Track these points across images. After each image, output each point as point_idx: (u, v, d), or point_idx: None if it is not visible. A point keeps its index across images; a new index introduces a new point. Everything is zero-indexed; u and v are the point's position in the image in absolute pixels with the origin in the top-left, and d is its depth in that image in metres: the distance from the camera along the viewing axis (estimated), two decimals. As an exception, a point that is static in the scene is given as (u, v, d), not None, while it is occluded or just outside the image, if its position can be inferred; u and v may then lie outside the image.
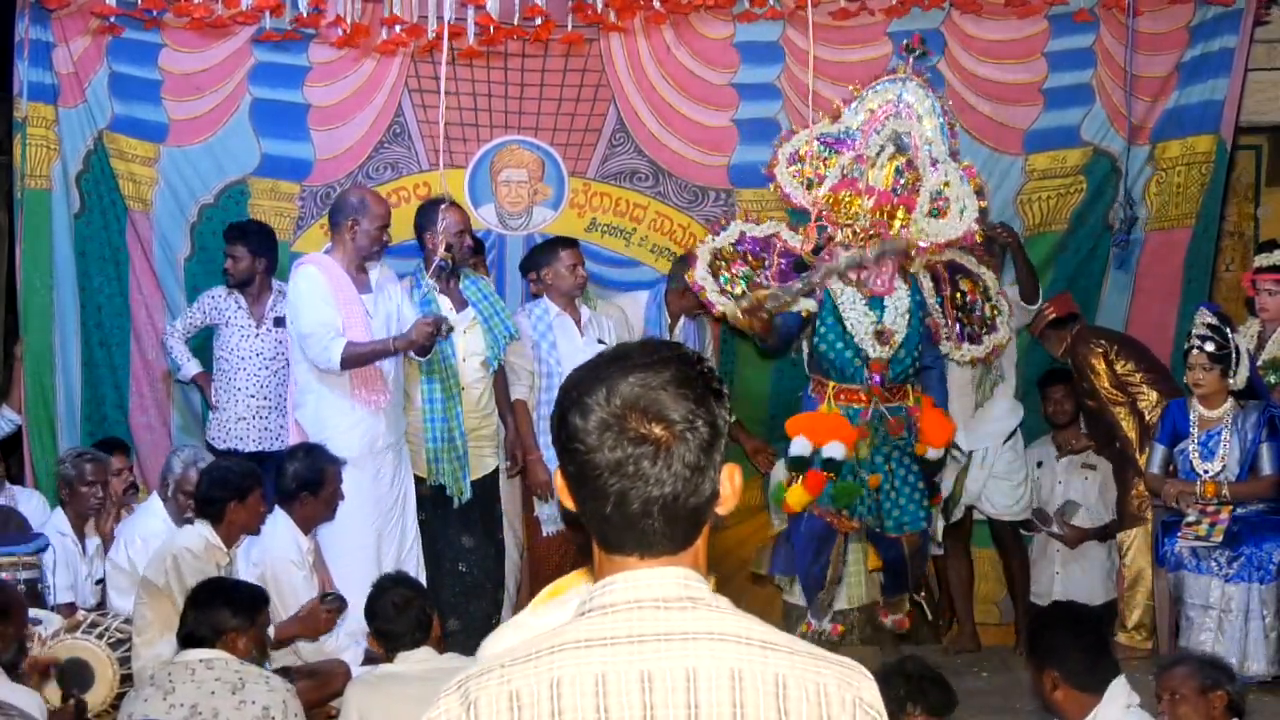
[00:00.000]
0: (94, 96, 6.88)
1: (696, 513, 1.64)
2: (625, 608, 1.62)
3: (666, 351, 1.66)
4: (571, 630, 1.63)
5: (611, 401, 1.61)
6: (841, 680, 1.63)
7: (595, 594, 1.65)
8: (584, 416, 1.61)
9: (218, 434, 6.60)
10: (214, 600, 4.31)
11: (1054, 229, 7.21)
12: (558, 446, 1.66)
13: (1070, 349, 6.71)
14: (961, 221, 5.88)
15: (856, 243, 5.82)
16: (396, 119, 7.14)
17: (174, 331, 6.79)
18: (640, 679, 1.58)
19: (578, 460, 1.62)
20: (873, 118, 5.99)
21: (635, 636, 1.60)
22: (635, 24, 7.02)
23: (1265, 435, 6.04)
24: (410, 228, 6.49)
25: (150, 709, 4.04)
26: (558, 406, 1.66)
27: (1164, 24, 7.01)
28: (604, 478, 1.61)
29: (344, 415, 5.84)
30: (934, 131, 5.99)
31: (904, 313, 5.85)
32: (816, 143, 6.04)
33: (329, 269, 5.86)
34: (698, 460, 1.62)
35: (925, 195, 5.90)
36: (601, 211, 7.23)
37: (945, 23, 7.11)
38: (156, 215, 7.00)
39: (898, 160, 5.90)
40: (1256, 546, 5.82)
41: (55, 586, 5.64)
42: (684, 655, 1.60)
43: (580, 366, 1.70)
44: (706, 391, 1.64)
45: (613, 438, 1.60)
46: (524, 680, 1.60)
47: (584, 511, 1.66)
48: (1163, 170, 7.13)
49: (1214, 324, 6.08)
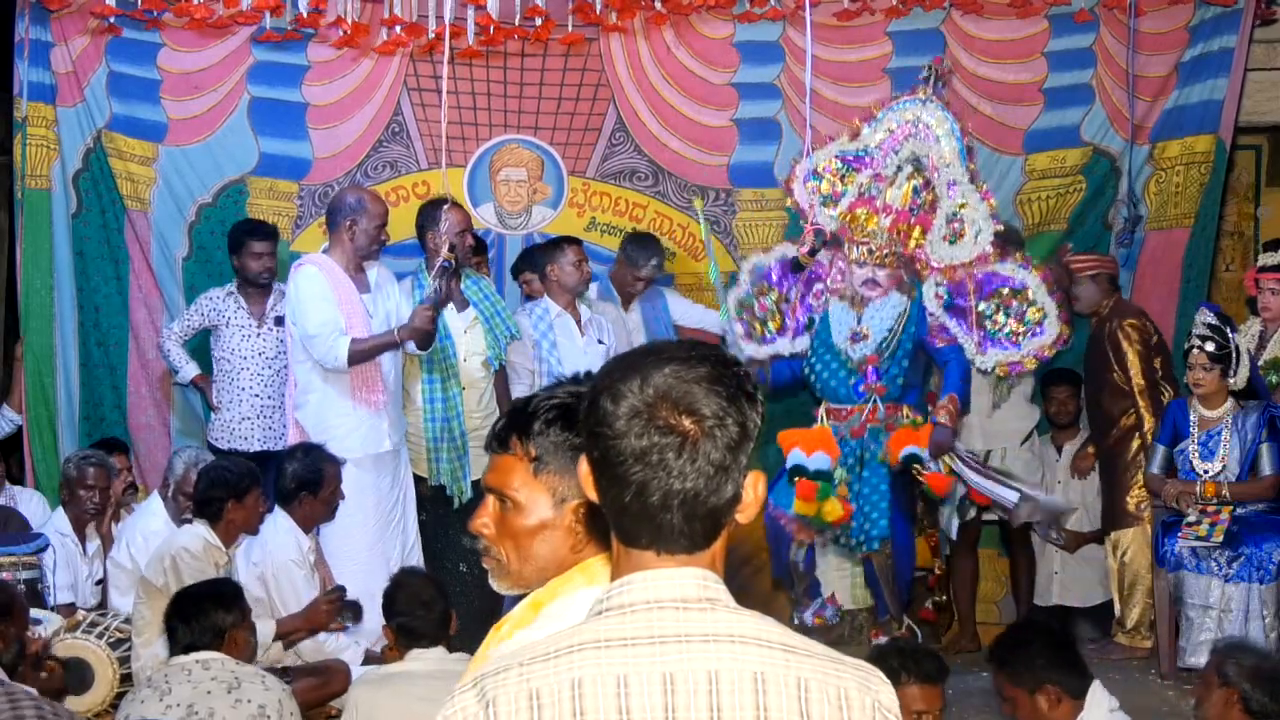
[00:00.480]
0: (93, 96, 6.87)
1: (715, 514, 1.64)
2: (644, 608, 1.62)
3: (704, 350, 1.67)
4: (590, 629, 1.63)
5: (644, 390, 1.61)
6: (861, 684, 1.64)
7: (612, 593, 1.65)
8: (615, 402, 1.62)
9: (221, 434, 6.58)
10: (203, 605, 4.26)
11: (1053, 228, 7.21)
12: (585, 432, 1.67)
13: (1109, 315, 6.50)
14: (976, 245, 5.91)
15: (873, 260, 5.89)
16: (395, 118, 7.14)
17: (170, 335, 6.74)
18: (662, 680, 1.58)
19: (603, 445, 1.63)
20: (891, 137, 6.02)
21: (656, 637, 1.60)
22: (635, 24, 7.02)
23: (1266, 435, 6.03)
24: (409, 227, 6.50)
25: (147, 710, 4.02)
26: (590, 392, 1.67)
27: (1164, 24, 7.00)
28: (627, 465, 1.61)
29: (345, 415, 5.83)
30: (952, 154, 6.01)
31: (888, 315, 5.90)
32: (836, 160, 6.08)
33: (328, 269, 5.85)
34: (723, 459, 1.62)
35: (941, 217, 5.94)
36: (601, 211, 7.23)
37: (945, 23, 7.11)
38: (155, 215, 6.99)
39: (915, 180, 5.94)
40: (1256, 546, 5.82)
41: (55, 586, 5.62)
42: (706, 657, 1.59)
43: (617, 356, 1.72)
44: (739, 392, 1.64)
45: (640, 425, 1.60)
46: (544, 679, 1.59)
47: (604, 500, 1.66)
48: (1161, 170, 7.13)
49: (1214, 324, 6.08)
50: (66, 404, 6.90)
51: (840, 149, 6.12)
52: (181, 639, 4.21)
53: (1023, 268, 5.98)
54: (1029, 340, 5.94)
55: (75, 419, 6.92)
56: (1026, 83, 7.13)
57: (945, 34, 7.08)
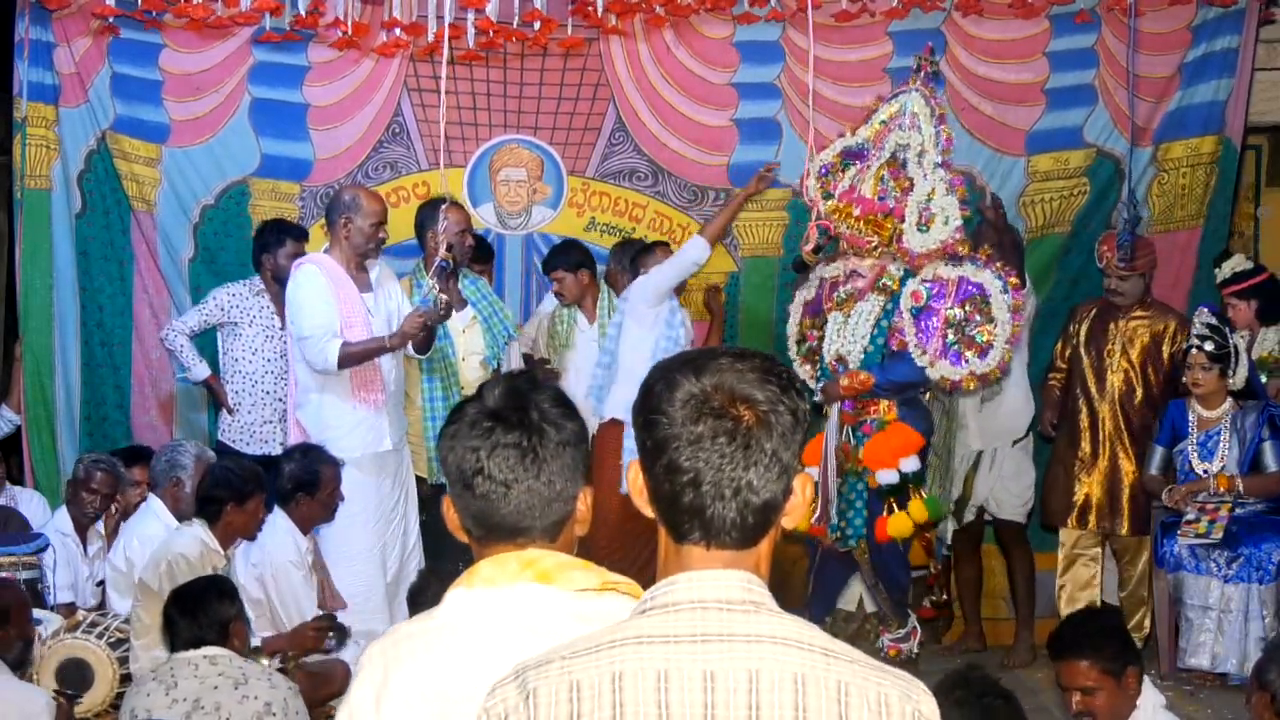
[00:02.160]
0: (96, 96, 6.87)
1: (767, 508, 1.66)
2: (689, 607, 1.64)
3: (752, 350, 1.72)
4: (633, 626, 1.65)
5: (701, 380, 1.65)
6: (903, 693, 1.64)
7: (658, 593, 1.67)
8: (671, 389, 1.65)
9: (239, 437, 6.52)
10: (205, 598, 4.26)
11: (1057, 231, 7.19)
12: (638, 425, 1.69)
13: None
14: (945, 229, 5.82)
15: (855, 252, 5.92)
16: (395, 118, 7.14)
17: (179, 328, 6.57)
18: (703, 678, 1.60)
19: (658, 435, 1.65)
20: (884, 129, 6.03)
21: (699, 636, 1.62)
22: (635, 25, 7.02)
23: (1267, 434, 6.04)
24: (410, 227, 6.50)
25: (152, 704, 4.03)
26: (644, 385, 1.70)
27: (1166, 24, 6.98)
28: (682, 451, 1.64)
29: (346, 415, 5.81)
30: (929, 140, 6.00)
31: (867, 320, 5.90)
32: (838, 156, 6.10)
33: (329, 268, 5.83)
34: (776, 448, 1.64)
35: (913, 205, 5.90)
36: (600, 211, 7.23)
37: (946, 23, 7.10)
38: (160, 216, 7.00)
39: (883, 170, 5.96)
40: (1256, 547, 5.82)
41: (55, 586, 5.61)
42: (747, 657, 1.61)
43: (668, 356, 1.75)
44: (790, 384, 1.68)
45: (696, 411, 1.64)
46: (584, 672, 1.61)
47: (656, 495, 1.68)
48: (1165, 172, 7.11)
49: (1213, 324, 6.08)
50: (65, 404, 6.90)
51: (844, 145, 6.13)
52: (184, 633, 4.21)
53: (985, 268, 5.88)
54: (975, 360, 5.74)
55: (76, 419, 6.92)
56: (1028, 83, 7.11)
57: (946, 34, 7.07)
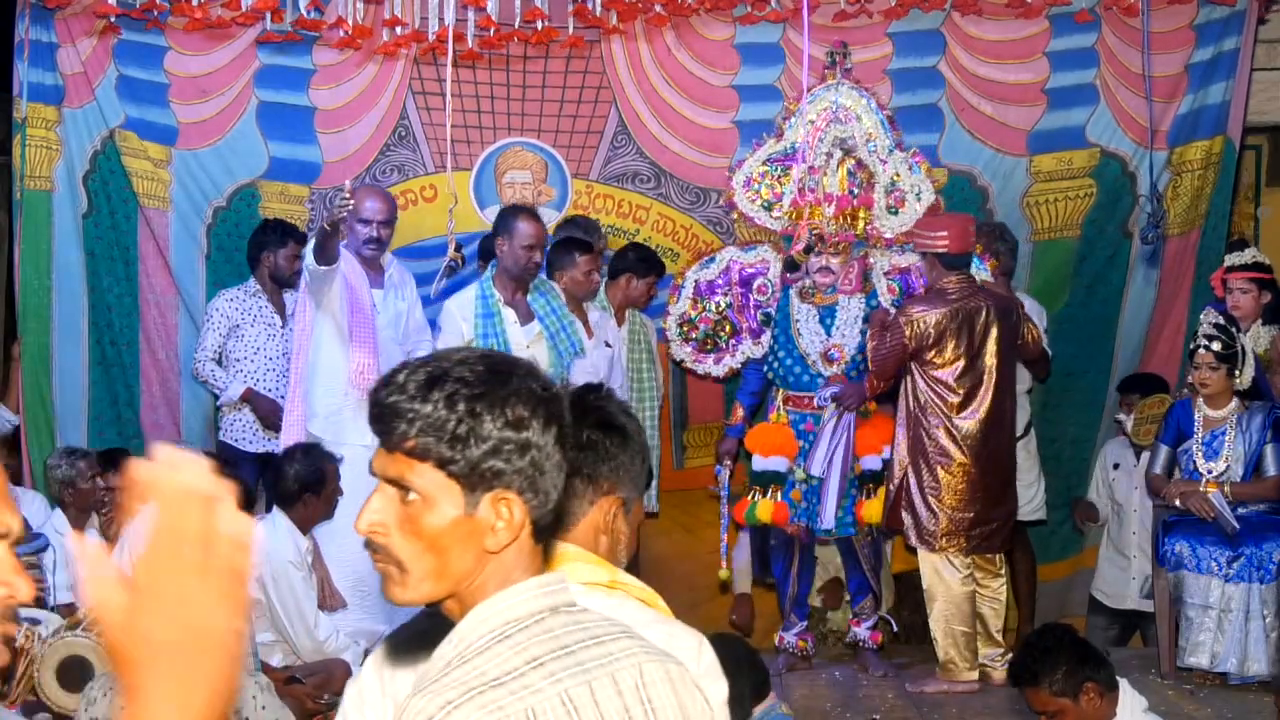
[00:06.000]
0: (103, 97, 6.91)
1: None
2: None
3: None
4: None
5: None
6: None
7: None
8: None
9: (240, 436, 6.56)
10: None
11: (1067, 234, 7.16)
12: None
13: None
14: (920, 205, 6.02)
15: (828, 250, 5.97)
16: (401, 121, 7.17)
17: (202, 357, 6.62)
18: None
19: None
20: (814, 128, 6.10)
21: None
22: (636, 27, 7.04)
23: (1270, 436, 6.00)
24: (419, 230, 6.62)
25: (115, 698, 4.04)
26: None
27: (1167, 23, 6.94)
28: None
29: (340, 404, 5.88)
30: (875, 127, 6.12)
31: (854, 320, 6.00)
32: (766, 164, 6.18)
33: (344, 258, 5.91)
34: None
35: (880, 191, 6.05)
36: (604, 213, 7.24)
37: (945, 23, 7.10)
38: (174, 215, 7.04)
39: (848, 162, 6.03)
40: (1257, 546, 5.78)
41: (55, 586, 5.63)
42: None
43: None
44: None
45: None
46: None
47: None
48: (1179, 175, 7.08)
49: (1220, 324, 6.05)
50: (64, 404, 6.93)
51: (768, 153, 6.21)
52: None
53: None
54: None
55: (75, 419, 6.94)
56: (1028, 83, 7.10)
57: (945, 34, 7.07)
